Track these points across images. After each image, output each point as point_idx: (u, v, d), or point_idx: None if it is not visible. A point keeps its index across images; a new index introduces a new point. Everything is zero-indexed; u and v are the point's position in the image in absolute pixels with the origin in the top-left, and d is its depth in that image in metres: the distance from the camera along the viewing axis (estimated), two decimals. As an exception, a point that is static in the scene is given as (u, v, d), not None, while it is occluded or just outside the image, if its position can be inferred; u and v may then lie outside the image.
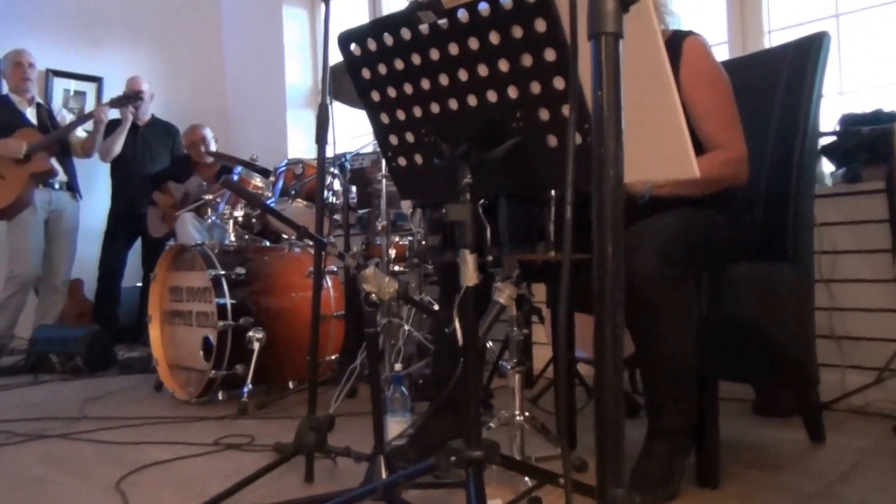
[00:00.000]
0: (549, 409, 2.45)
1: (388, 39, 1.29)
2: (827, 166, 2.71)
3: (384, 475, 1.48)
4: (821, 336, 2.39)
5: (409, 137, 1.40)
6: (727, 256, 1.75)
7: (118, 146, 4.57)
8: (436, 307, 2.19)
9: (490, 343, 3.10)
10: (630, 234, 1.55)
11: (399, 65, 1.31)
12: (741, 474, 1.76)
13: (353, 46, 1.36)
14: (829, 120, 2.63)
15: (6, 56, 4.30)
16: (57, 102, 5.12)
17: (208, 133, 4.65)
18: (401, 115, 1.38)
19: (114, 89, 5.17)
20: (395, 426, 1.96)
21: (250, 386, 2.76)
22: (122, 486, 1.79)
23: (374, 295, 1.46)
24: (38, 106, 4.35)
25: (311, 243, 3.18)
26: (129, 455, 2.09)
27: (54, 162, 4.21)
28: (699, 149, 1.74)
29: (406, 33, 1.26)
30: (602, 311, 0.64)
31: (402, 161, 1.45)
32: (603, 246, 0.63)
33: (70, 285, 4.70)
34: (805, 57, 1.93)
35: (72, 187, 4.39)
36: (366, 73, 1.37)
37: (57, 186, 4.28)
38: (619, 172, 0.63)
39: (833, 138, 2.62)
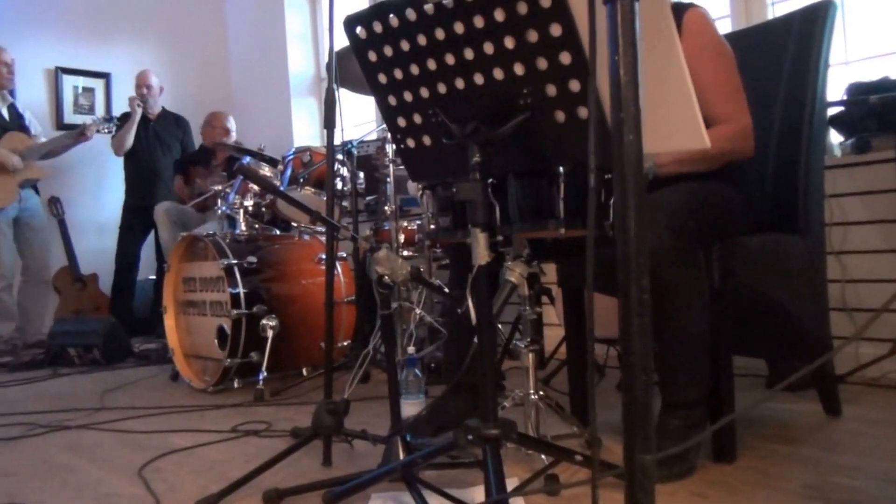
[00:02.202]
0: (562, 389, 2.46)
1: (394, 21, 1.29)
2: (835, 137, 2.68)
3: (402, 456, 1.50)
4: (834, 308, 2.38)
5: (417, 118, 1.40)
6: (737, 229, 1.74)
7: (129, 139, 4.64)
8: (447, 290, 2.20)
9: (499, 325, 3.10)
10: None
11: (405, 46, 1.31)
12: (757, 448, 1.76)
13: (358, 29, 1.36)
14: (836, 90, 2.60)
15: None
16: (67, 100, 5.16)
17: (225, 121, 4.69)
18: (408, 96, 1.38)
19: (122, 84, 5.21)
20: (410, 408, 1.97)
21: (265, 373, 2.79)
22: (145, 472, 1.82)
23: (387, 277, 1.47)
24: (10, 106, 4.42)
25: (321, 229, 3.20)
26: (150, 443, 2.12)
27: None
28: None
29: (411, 14, 1.26)
30: (627, 276, 0.63)
31: (410, 142, 1.45)
32: (624, 212, 0.62)
33: (87, 279, 4.75)
34: (811, 25, 1.91)
35: (35, 186, 4.49)
36: (372, 56, 1.37)
37: (23, 184, 4.36)
38: (639, 138, 0.62)
39: (841, 108, 2.59)
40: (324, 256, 3.04)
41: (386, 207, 2.98)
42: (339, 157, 3.16)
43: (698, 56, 1.72)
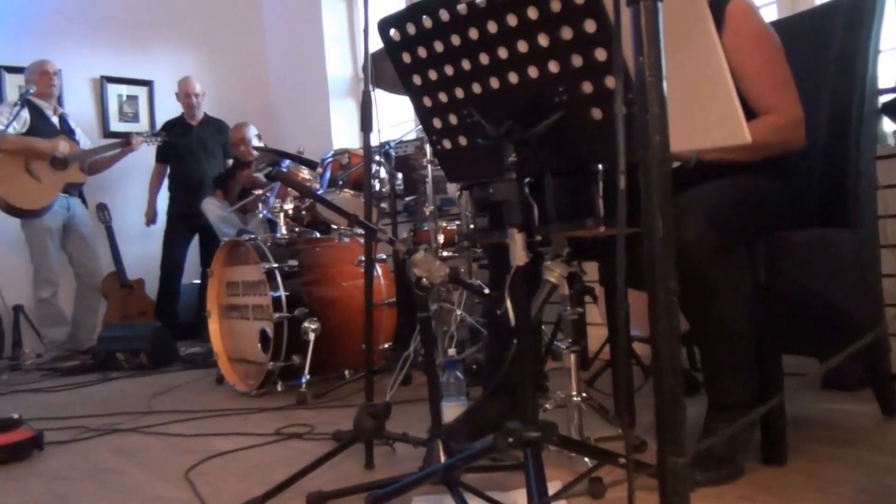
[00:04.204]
0: (606, 390, 2.42)
1: (427, 22, 1.28)
2: (889, 125, 2.59)
3: (442, 459, 1.49)
4: (890, 304, 2.29)
5: (453, 119, 1.39)
6: (782, 223, 1.69)
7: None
8: (487, 291, 2.18)
9: (542, 326, 3.07)
10: (677, 203, 1.52)
11: (439, 47, 1.30)
12: (809, 450, 1.70)
13: (392, 32, 1.36)
14: (890, 76, 2.51)
15: (32, 65, 4.47)
16: (111, 109, 5.30)
17: (250, 131, 4.74)
18: (443, 97, 1.37)
19: (164, 91, 5.33)
20: (451, 411, 1.96)
21: (307, 376, 2.81)
22: (191, 475, 1.85)
23: (424, 279, 1.46)
24: (60, 117, 4.55)
25: (361, 232, 3.21)
26: (196, 446, 2.15)
27: None
28: (750, 115, 1.68)
29: (444, 14, 1.25)
30: (654, 278, 0.62)
31: (446, 143, 1.45)
32: (651, 213, 0.61)
33: (133, 285, 4.86)
34: (860, 10, 1.85)
35: (82, 194, 4.62)
36: (406, 58, 1.37)
37: (73, 193, 4.49)
38: (665, 138, 0.61)
39: (895, 95, 2.50)
40: (364, 259, 3.06)
41: (425, 208, 2.97)
42: (378, 158, 3.16)
43: (744, 47, 1.68)
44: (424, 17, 1.27)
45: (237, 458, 2.02)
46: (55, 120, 4.48)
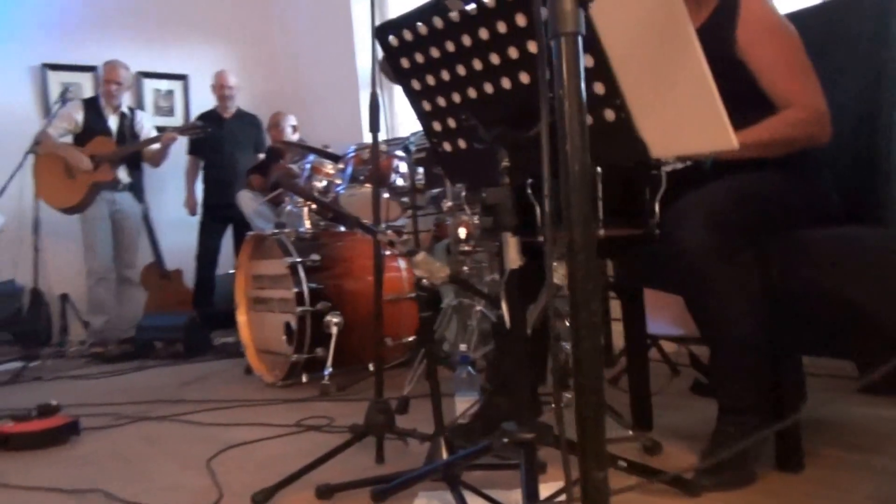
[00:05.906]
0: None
1: (422, 29, 1.30)
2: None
3: (444, 456, 1.52)
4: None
5: (451, 123, 1.41)
6: (798, 222, 1.63)
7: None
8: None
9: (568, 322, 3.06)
10: (676, 207, 1.50)
11: (435, 52, 1.32)
12: (831, 456, 1.65)
13: (390, 38, 1.38)
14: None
15: (105, 65, 4.61)
16: (148, 103, 5.43)
17: (286, 121, 4.81)
18: (441, 101, 1.39)
19: (199, 85, 5.43)
20: (464, 406, 1.99)
21: (331, 369, 2.86)
22: (212, 464, 1.92)
23: (425, 280, 1.48)
24: (122, 115, 4.66)
25: (383, 226, 3.24)
26: (220, 436, 2.23)
27: (122, 170, 4.61)
28: (773, 110, 1.64)
29: (438, 21, 1.27)
30: (576, 299, 0.64)
31: (446, 146, 1.47)
32: (572, 236, 0.63)
33: (171, 275, 4.99)
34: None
35: (135, 189, 4.73)
36: (405, 63, 1.39)
37: (120, 189, 4.61)
38: (585, 167, 0.62)
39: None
40: (387, 252, 3.10)
41: (444, 203, 2.97)
42: (398, 153, 3.18)
43: (759, 39, 1.64)
44: (419, 23, 1.29)
45: (258, 448, 2.08)
46: (112, 121, 4.60)
